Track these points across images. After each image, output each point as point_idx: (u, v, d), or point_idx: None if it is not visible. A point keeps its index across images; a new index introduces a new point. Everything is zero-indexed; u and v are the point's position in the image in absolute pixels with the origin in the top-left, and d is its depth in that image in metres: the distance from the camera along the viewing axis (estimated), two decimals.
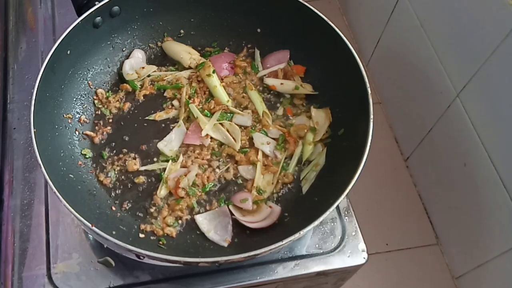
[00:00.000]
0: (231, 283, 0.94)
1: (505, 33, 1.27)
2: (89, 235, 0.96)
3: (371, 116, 0.91)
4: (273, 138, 1.05)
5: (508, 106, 1.33)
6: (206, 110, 1.07)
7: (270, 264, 0.96)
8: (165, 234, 0.93)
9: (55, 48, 0.94)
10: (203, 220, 0.94)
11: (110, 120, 1.06)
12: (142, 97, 1.10)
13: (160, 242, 0.92)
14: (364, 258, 0.98)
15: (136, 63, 1.12)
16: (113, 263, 0.93)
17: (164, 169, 1.00)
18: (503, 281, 1.50)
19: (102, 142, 1.04)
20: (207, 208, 0.97)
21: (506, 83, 1.32)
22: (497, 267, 1.50)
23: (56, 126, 0.98)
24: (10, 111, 1.11)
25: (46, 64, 0.92)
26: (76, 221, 0.97)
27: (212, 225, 0.94)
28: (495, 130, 1.41)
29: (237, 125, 1.05)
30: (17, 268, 0.93)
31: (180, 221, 0.95)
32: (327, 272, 0.97)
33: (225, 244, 0.92)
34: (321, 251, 0.98)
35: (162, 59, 1.16)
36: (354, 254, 0.98)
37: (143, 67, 1.12)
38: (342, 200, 0.83)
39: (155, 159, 1.02)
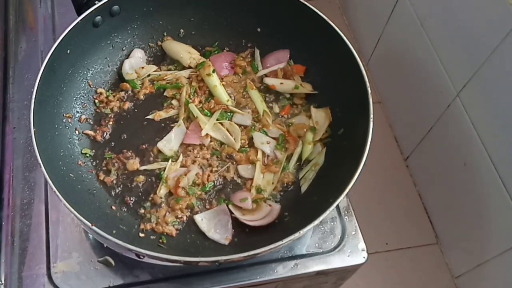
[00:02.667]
0: (231, 282, 0.94)
1: (505, 32, 1.27)
2: (89, 235, 0.96)
3: (371, 116, 0.91)
4: (273, 138, 1.05)
5: (508, 106, 1.33)
6: (206, 110, 1.07)
7: (270, 263, 0.96)
8: (165, 233, 0.93)
9: (55, 48, 0.94)
10: (202, 220, 0.94)
11: (110, 120, 1.06)
12: (142, 97, 1.10)
13: (160, 241, 0.92)
14: (364, 257, 0.98)
15: (136, 63, 1.12)
16: (113, 262, 0.93)
17: (164, 169, 1.00)
18: (502, 281, 1.50)
19: (102, 141, 1.04)
20: (207, 207, 0.97)
21: (506, 82, 1.32)
22: (497, 266, 1.50)
23: (56, 126, 0.98)
24: (10, 110, 1.11)
25: (46, 64, 0.92)
26: (76, 220, 0.97)
27: (212, 224, 0.94)
28: (495, 130, 1.41)
29: (237, 124, 1.05)
30: (17, 267, 0.93)
31: (180, 220, 0.95)
32: (327, 271, 0.97)
33: (226, 242, 0.92)
34: (321, 251, 0.98)
35: (162, 58, 1.16)
36: (354, 254, 0.98)
37: (142, 67, 1.12)
38: (342, 200, 0.83)
39: (155, 159, 1.02)
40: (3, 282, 0.92)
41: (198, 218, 0.95)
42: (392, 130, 2.08)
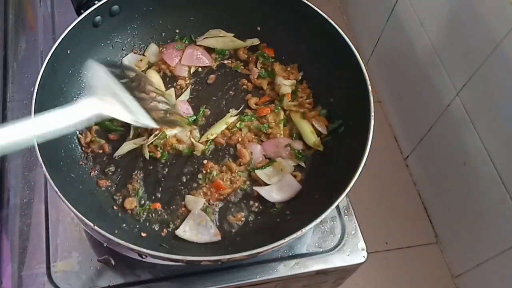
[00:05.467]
0: (231, 281, 0.94)
1: (504, 32, 1.27)
2: (89, 234, 0.96)
3: (372, 114, 0.90)
4: None
5: (507, 105, 1.33)
6: None
7: (270, 262, 0.96)
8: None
9: (55, 48, 0.94)
10: (185, 232, 0.93)
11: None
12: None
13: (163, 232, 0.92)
14: (364, 256, 0.98)
15: (133, 58, 1.11)
16: (113, 262, 0.93)
17: None
18: (502, 280, 1.50)
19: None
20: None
21: (506, 81, 1.32)
22: (497, 265, 1.51)
23: None
24: (9, 109, 1.11)
25: (46, 64, 0.92)
26: (76, 219, 0.97)
27: (194, 231, 0.93)
28: (495, 129, 1.41)
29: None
30: (17, 267, 0.93)
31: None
32: (327, 270, 0.97)
33: (218, 238, 0.92)
34: (321, 250, 0.98)
35: None
36: (354, 253, 0.98)
37: (141, 60, 1.12)
38: (342, 199, 0.83)
39: None
40: (2, 281, 0.92)
41: (180, 232, 0.93)
42: (392, 130, 2.08)
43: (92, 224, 0.79)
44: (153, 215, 0.96)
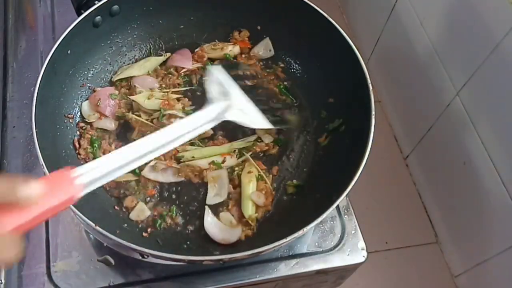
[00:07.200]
0: (231, 281, 0.94)
1: (504, 31, 1.27)
2: (89, 234, 0.96)
3: (373, 114, 0.90)
4: None
5: (507, 104, 1.33)
6: None
7: (270, 262, 0.96)
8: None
9: (55, 48, 0.94)
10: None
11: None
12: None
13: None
14: (364, 256, 0.98)
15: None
16: (112, 261, 0.93)
17: None
18: (502, 280, 1.50)
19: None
20: None
21: (506, 81, 1.32)
22: (497, 265, 1.51)
23: (58, 126, 0.98)
24: (9, 109, 1.11)
25: (47, 65, 0.92)
26: (76, 219, 0.97)
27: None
28: (495, 129, 1.41)
29: None
30: (17, 266, 0.93)
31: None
32: (327, 270, 0.97)
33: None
34: (321, 250, 0.98)
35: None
36: (354, 253, 0.98)
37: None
38: (342, 199, 0.83)
39: None
40: (3, 281, 0.92)
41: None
42: (391, 129, 2.08)
43: (93, 225, 0.79)
44: None
